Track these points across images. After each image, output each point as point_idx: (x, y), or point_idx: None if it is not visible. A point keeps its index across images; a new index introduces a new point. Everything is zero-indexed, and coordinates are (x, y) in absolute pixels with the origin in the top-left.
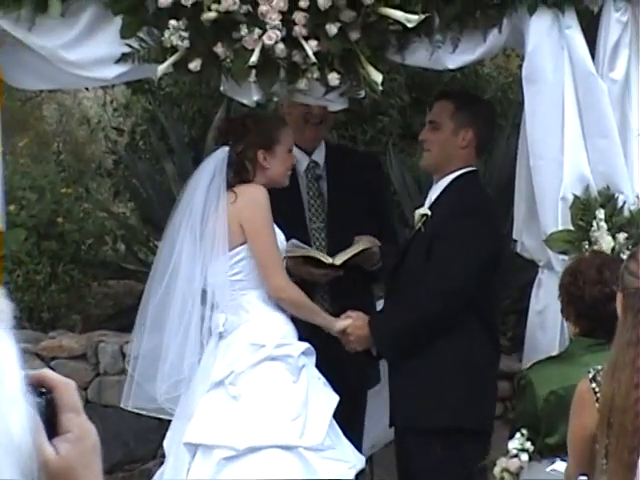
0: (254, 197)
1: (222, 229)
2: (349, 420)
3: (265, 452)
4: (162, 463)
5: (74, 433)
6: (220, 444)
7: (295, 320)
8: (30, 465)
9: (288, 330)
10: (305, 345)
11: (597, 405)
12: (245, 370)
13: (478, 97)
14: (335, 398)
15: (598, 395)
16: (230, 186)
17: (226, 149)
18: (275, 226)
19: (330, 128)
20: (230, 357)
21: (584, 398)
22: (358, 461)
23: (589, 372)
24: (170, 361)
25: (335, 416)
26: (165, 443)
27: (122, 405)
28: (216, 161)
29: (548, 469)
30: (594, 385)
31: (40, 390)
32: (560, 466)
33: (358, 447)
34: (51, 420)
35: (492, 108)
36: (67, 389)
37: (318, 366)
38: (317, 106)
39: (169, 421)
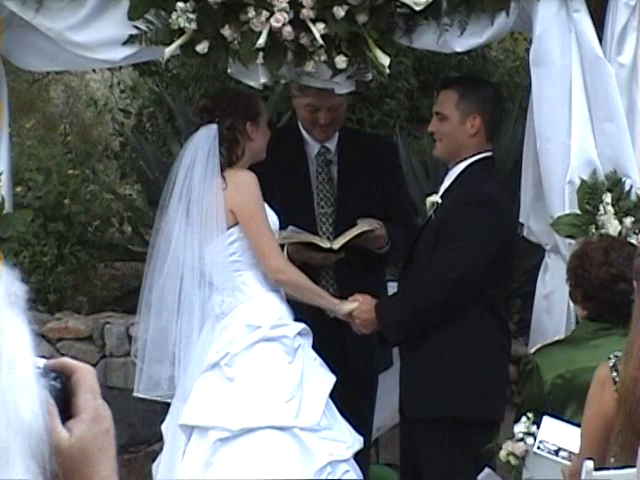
0: (243, 182)
1: (216, 210)
2: (359, 403)
3: (260, 433)
4: None
5: (89, 414)
6: (215, 425)
7: (297, 303)
8: (41, 448)
9: (284, 311)
10: (301, 326)
11: (615, 394)
12: (240, 351)
13: (481, 81)
14: (332, 378)
15: (618, 385)
16: (222, 165)
17: (214, 127)
18: (267, 206)
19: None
20: (226, 338)
21: (603, 386)
22: (356, 441)
23: (609, 358)
24: (172, 343)
25: (345, 399)
26: (163, 426)
27: (134, 394)
28: (208, 141)
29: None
30: (614, 374)
31: (57, 374)
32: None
33: (368, 430)
34: (67, 402)
35: (497, 90)
36: (85, 372)
37: (326, 349)
38: (325, 116)
39: None
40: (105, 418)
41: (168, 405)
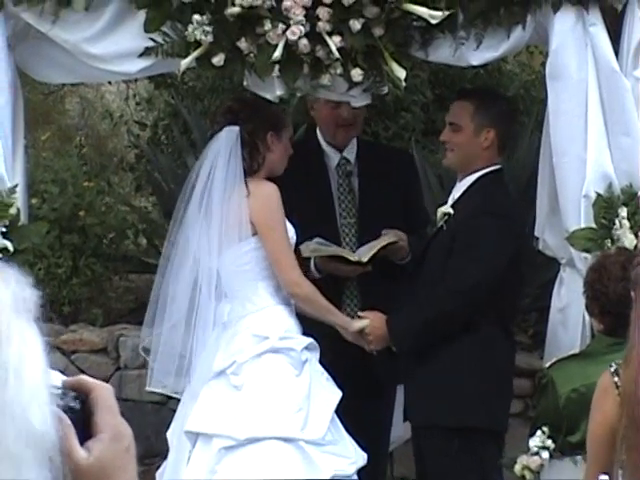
0: (266, 194)
1: (237, 218)
2: (375, 415)
3: (265, 443)
4: None
5: (108, 434)
6: (220, 433)
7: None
8: (54, 456)
9: (292, 324)
10: (308, 340)
11: (618, 398)
12: (248, 360)
13: (497, 95)
14: (338, 394)
15: (620, 389)
16: (245, 171)
17: (235, 129)
18: (286, 221)
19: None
20: (233, 347)
21: (606, 391)
22: (359, 457)
23: (610, 366)
24: (184, 353)
25: (364, 409)
26: (169, 433)
27: (146, 388)
28: (230, 142)
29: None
30: (616, 379)
31: (76, 394)
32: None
33: (385, 442)
34: (86, 421)
35: (511, 104)
36: (103, 391)
37: (344, 360)
38: (347, 109)
39: None
40: (125, 436)
41: None
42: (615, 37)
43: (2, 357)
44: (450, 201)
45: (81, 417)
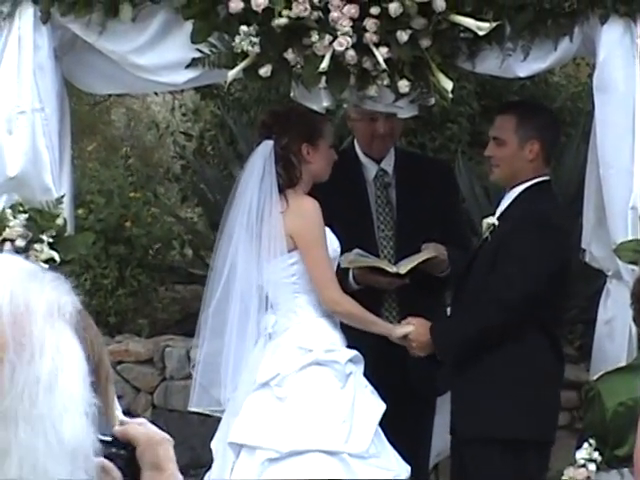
0: (306, 210)
1: (277, 232)
2: (416, 427)
3: (309, 456)
4: None
5: None
6: (263, 446)
7: (358, 329)
8: (91, 466)
9: (336, 337)
10: (353, 352)
11: None
12: (291, 373)
13: (539, 106)
14: (382, 406)
15: None
16: (281, 187)
17: (270, 143)
18: (329, 232)
19: (399, 135)
20: (277, 359)
21: None
22: (403, 470)
23: None
24: (232, 364)
25: (404, 420)
26: (213, 443)
27: (188, 408)
28: (264, 157)
29: None
30: None
31: (123, 445)
32: None
33: (426, 454)
34: (135, 477)
35: (554, 115)
36: (149, 445)
37: (385, 371)
38: (384, 121)
39: None
40: None
41: None
42: None
43: (34, 371)
44: (498, 212)
45: (129, 464)
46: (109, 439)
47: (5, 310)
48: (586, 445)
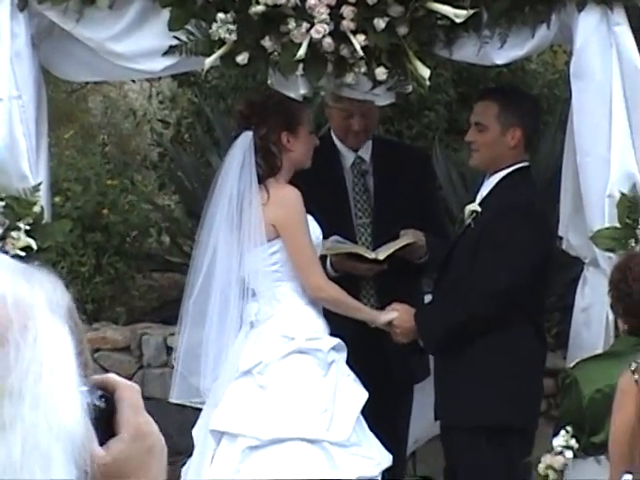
0: (288, 199)
1: (257, 222)
2: (395, 414)
3: (290, 444)
4: None
5: (128, 433)
6: (245, 433)
7: (338, 315)
8: (83, 455)
9: (319, 324)
10: (336, 341)
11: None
12: (274, 361)
13: (522, 93)
14: (364, 395)
15: None
16: (261, 177)
17: (250, 134)
18: (311, 219)
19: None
20: (260, 347)
21: (626, 390)
22: (384, 459)
23: (630, 365)
24: (212, 354)
25: (383, 408)
26: (194, 430)
27: (169, 399)
28: (243, 148)
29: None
30: (637, 377)
31: (101, 392)
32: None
33: (404, 441)
34: (109, 420)
35: (536, 102)
36: (127, 389)
37: (363, 359)
38: (359, 119)
39: None
40: (148, 435)
41: None
42: (639, 37)
43: (38, 352)
44: (478, 199)
45: (105, 416)
46: (86, 388)
47: (9, 297)
48: (563, 432)
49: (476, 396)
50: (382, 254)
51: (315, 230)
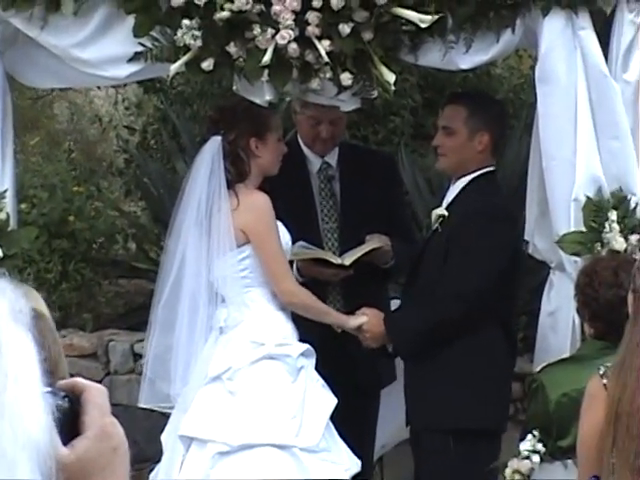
0: (257, 205)
1: (227, 228)
2: (362, 419)
3: (259, 450)
4: None
5: (94, 432)
6: (214, 439)
7: (305, 319)
8: (48, 463)
9: (288, 330)
10: (305, 346)
11: (608, 400)
12: (243, 367)
13: (490, 98)
14: (333, 400)
15: (609, 392)
16: (230, 182)
17: (218, 139)
18: (280, 225)
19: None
20: (229, 353)
21: (595, 394)
22: (353, 464)
23: (599, 369)
24: (182, 359)
25: (350, 414)
26: (163, 436)
27: (138, 404)
28: (212, 152)
29: None
30: (605, 381)
31: (65, 394)
32: None
33: (371, 446)
34: (75, 420)
35: (504, 107)
36: (93, 391)
37: (330, 365)
38: (326, 126)
39: None
40: (113, 436)
41: None
42: (604, 41)
43: (2, 363)
44: (444, 203)
45: (69, 416)
46: (50, 389)
47: None
48: (530, 437)
49: (448, 399)
50: (348, 259)
51: (285, 235)
